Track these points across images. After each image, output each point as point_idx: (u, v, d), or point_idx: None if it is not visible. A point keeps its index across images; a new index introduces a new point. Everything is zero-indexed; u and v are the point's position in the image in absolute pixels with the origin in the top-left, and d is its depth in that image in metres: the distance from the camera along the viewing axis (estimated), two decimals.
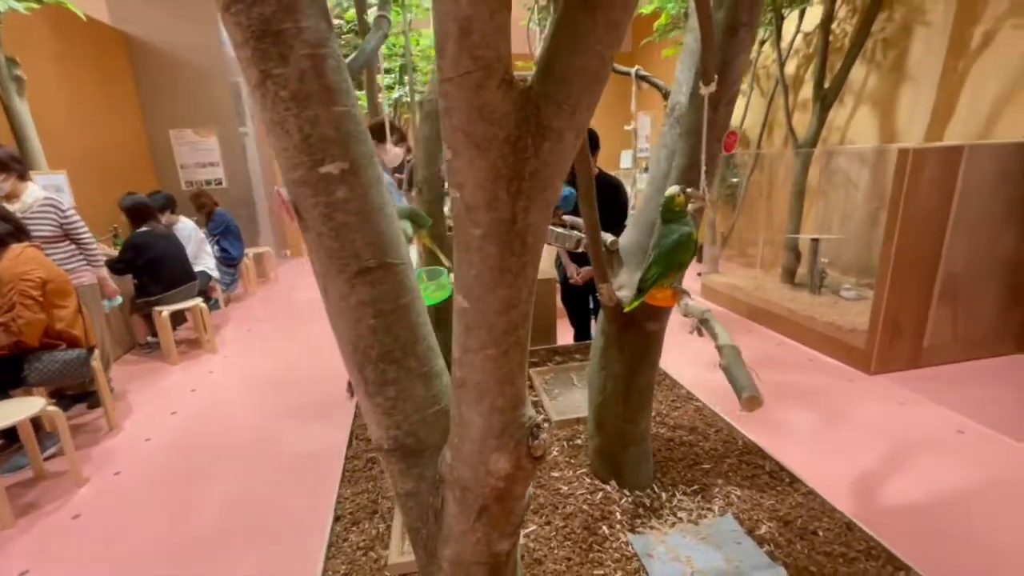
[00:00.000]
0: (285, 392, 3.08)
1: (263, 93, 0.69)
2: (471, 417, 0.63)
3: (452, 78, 0.48)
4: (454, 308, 0.61)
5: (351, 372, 0.80)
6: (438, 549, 0.77)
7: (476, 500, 0.68)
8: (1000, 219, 3.02)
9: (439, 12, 0.47)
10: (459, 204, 0.55)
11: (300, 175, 0.71)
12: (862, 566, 1.27)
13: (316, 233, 0.73)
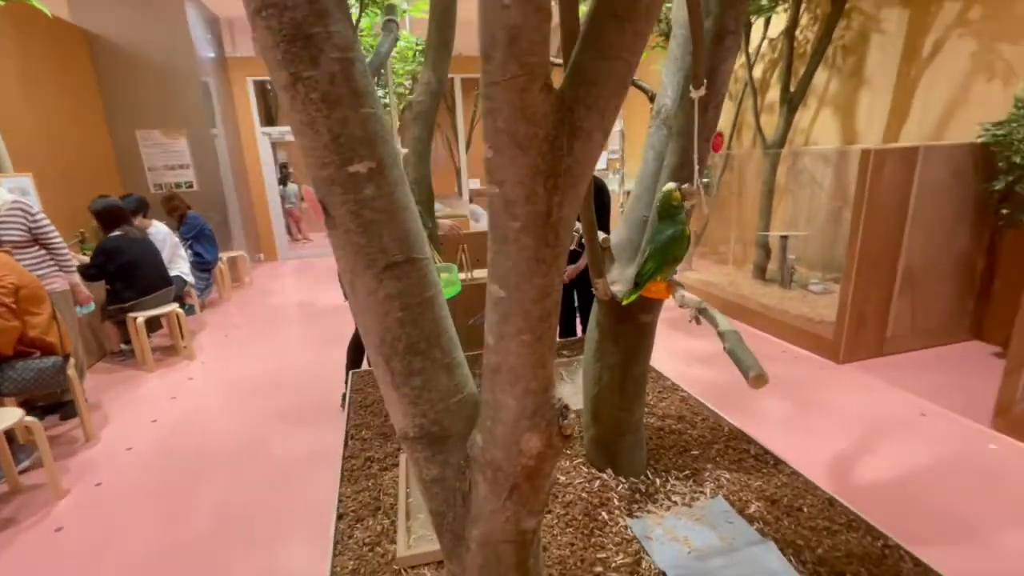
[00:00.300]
0: (269, 397, 3.04)
1: (293, 95, 0.72)
2: (505, 400, 0.67)
3: (499, 82, 0.52)
4: (489, 298, 0.65)
5: (377, 364, 0.82)
6: (466, 531, 0.80)
7: (507, 479, 0.72)
8: (953, 216, 3.23)
9: (487, 21, 0.51)
10: (498, 199, 0.59)
11: (329, 174, 0.74)
12: (844, 537, 1.36)
13: (344, 230, 0.76)
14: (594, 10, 0.58)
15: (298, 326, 4.35)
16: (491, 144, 0.56)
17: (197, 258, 4.63)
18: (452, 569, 0.85)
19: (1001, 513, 1.86)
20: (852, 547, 1.33)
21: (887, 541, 1.34)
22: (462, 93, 8.08)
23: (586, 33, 0.58)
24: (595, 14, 0.57)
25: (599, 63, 0.58)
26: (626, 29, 0.57)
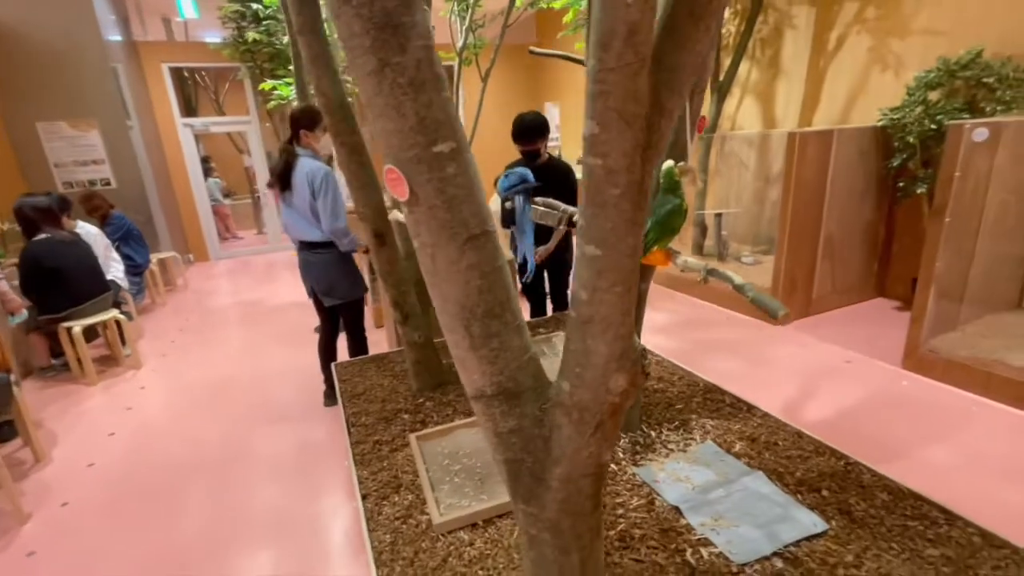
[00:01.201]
0: (240, 400, 2.93)
1: (379, 80, 0.77)
2: (597, 347, 0.78)
3: (615, 68, 0.62)
4: (582, 257, 0.75)
5: (454, 330, 0.89)
6: (546, 472, 0.90)
7: (594, 418, 0.82)
8: (861, 190, 3.70)
9: (608, 15, 0.60)
10: (600, 169, 0.68)
11: (416, 154, 0.80)
12: (814, 461, 1.60)
13: (428, 206, 0.82)
14: (673, 8, 0.69)
15: (250, 327, 4.16)
16: (599, 121, 0.66)
17: (127, 261, 4.27)
18: (529, 510, 0.95)
19: (919, 434, 2.23)
20: (822, 468, 1.57)
21: (848, 460, 1.59)
22: None
23: (664, 27, 0.69)
24: (674, 11, 0.68)
25: (678, 53, 0.69)
26: (699, 26, 0.69)
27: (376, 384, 2.28)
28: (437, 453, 1.74)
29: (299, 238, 2.50)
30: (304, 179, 2.31)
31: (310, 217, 2.39)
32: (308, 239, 2.45)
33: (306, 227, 2.42)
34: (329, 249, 2.45)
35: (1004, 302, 3.17)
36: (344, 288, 2.52)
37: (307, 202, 2.34)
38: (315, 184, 2.30)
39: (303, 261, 2.54)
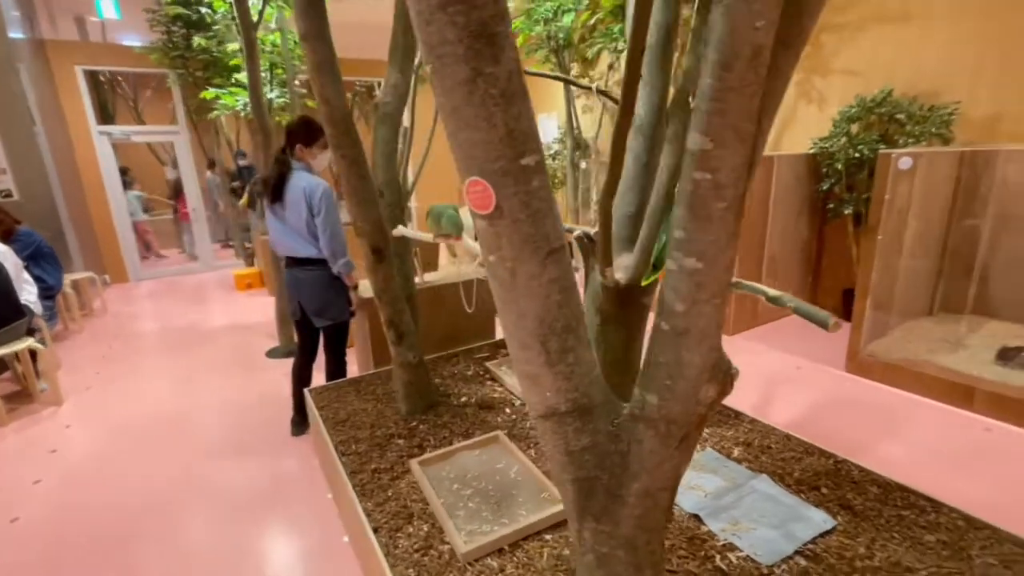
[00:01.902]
0: (187, 434, 2.64)
1: (471, 89, 0.75)
2: (691, 359, 0.78)
3: (736, 88, 0.64)
4: (678, 270, 0.76)
5: (528, 347, 0.87)
6: (622, 488, 0.89)
7: (681, 430, 0.83)
8: (797, 211, 4.06)
9: (736, 36, 0.62)
10: (708, 183, 0.70)
11: (502, 166, 0.78)
12: (808, 461, 1.70)
13: (512, 219, 0.80)
14: None
15: (187, 353, 3.79)
16: (712, 138, 0.68)
17: (38, 283, 3.75)
18: (602, 529, 0.93)
19: (871, 432, 2.44)
20: (816, 467, 1.67)
21: (836, 458, 1.71)
22: None
23: None
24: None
25: (772, 79, 0.73)
26: (789, 52, 0.73)
27: (359, 409, 2.16)
28: (443, 478, 1.67)
29: (290, 254, 2.33)
30: (300, 194, 2.16)
31: (305, 233, 2.24)
32: (300, 255, 2.29)
33: (299, 243, 2.27)
34: (322, 267, 2.30)
35: (920, 310, 3.58)
36: (337, 308, 2.38)
37: (303, 218, 2.20)
38: (313, 201, 2.17)
39: (292, 278, 2.37)
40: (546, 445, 0.95)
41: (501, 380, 2.35)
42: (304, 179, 2.19)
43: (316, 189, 2.17)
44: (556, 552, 1.35)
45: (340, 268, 2.26)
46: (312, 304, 2.36)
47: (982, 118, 3.37)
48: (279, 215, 2.27)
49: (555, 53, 5.30)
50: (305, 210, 2.19)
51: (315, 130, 2.24)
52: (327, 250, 2.23)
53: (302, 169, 2.24)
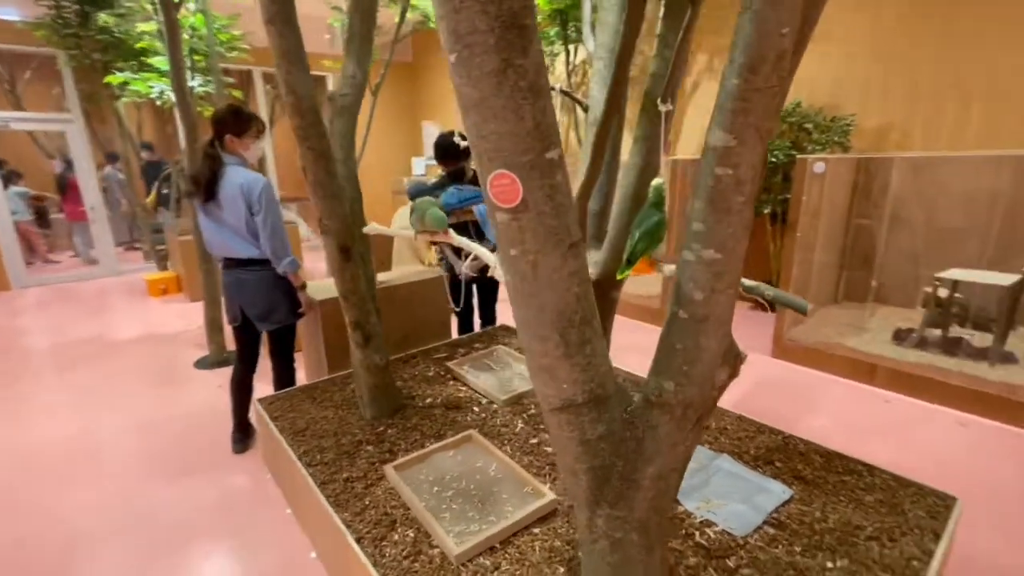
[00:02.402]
0: (108, 460, 2.36)
1: (500, 81, 0.74)
2: (708, 344, 0.83)
3: (762, 88, 0.69)
4: (696, 261, 0.80)
5: (547, 340, 0.88)
6: (637, 473, 0.92)
7: (696, 413, 0.87)
8: None
9: (762, 41, 0.67)
10: (730, 179, 0.75)
11: (530, 159, 0.78)
12: (760, 439, 1.85)
13: (537, 212, 0.81)
14: None
15: (96, 368, 3.37)
16: (736, 135, 0.72)
17: None
18: (616, 514, 0.95)
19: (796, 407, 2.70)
20: (768, 444, 1.83)
21: (784, 435, 1.88)
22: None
23: None
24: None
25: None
26: (795, 59, 0.80)
27: (319, 417, 2.04)
28: (421, 481, 1.63)
29: (229, 255, 2.13)
30: (237, 191, 1.99)
31: (244, 233, 2.07)
32: (241, 256, 2.11)
33: (239, 243, 2.09)
34: (266, 267, 2.14)
35: (827, 298, 4.01)
36: (284, 311, 2.22)
37: (241, 217, 2.03)
38: (253, 198, 2.00)
39: (234, 281, 2.17)
40: (558, 438, 0.96)
41: (464, 379, 2.33)
42: (240, 175, 2.03)
43: (255, 185, 2.02)
44: (548, 544, 1.37)
45: (285, 268, 2.13)
46: (256, 307, 2.20)
47: (873, 129, 3.84)
48: (213, 215, 2.09)
49: None
50: (244, 208, 2.03)
51: (246, 118, 2.07)
52: (269, 249, 2.09)
53: (236, 163, 2.07)
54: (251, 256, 2.13)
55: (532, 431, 1.92)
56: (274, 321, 2.23)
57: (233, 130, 2.05)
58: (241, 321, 2.26)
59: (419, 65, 8.37)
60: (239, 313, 2.24)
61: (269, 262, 2.14)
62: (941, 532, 1.38)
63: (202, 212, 2.13)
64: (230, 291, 2.24)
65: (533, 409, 2.07)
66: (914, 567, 1.27)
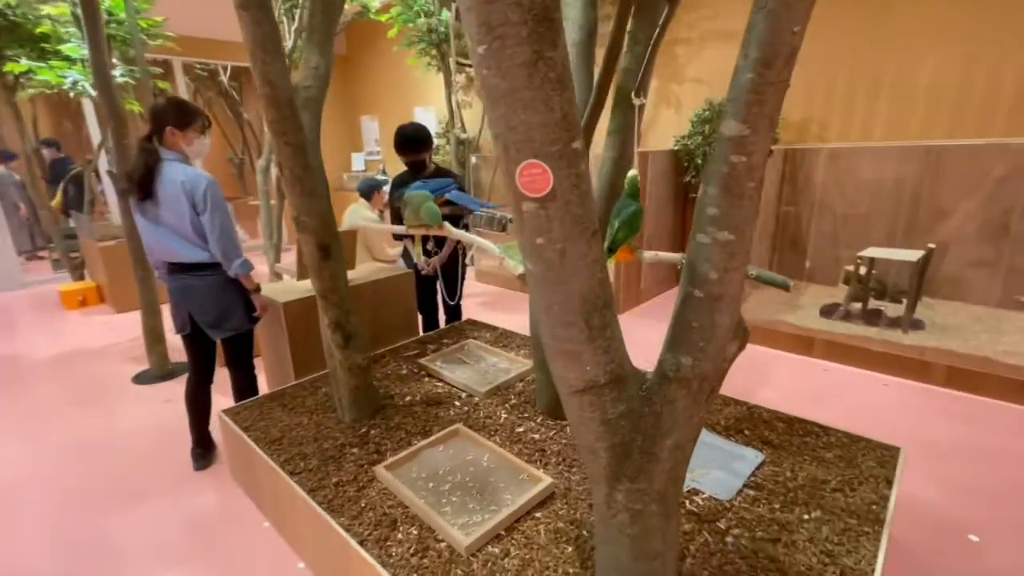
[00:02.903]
0: (55, 486, 2.14)
1: (531, 72, 0.76)
2: (722, 320, 0.89)
3: (775, 82, 0.75)
4: (712, 243, 0.86)
5: (572, 324, 0.90)
6: (655, 446, 0.97)
7: (710, 385, 0.94)
8: (667, 200, 4.60)
9: (775, 40, 0.73)
10: (743, 166, 0.81)
11: (558, 149, 0.81)
12: (729, 410, 1.99)
13: (565, 201, 0.83)
14: None
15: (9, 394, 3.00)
16: (750, 125, 0.78)
17: None
18: (636, 487, 1.00)
19: (750, 381, 2.92)
20: (735, 414, 1.97)
21: (748, 405, 2.03)
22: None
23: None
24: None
25: None
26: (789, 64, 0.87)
27: (293, 424, 1.96)
28: (415, 479, 1.62)
29: (172, 259, 1.98)
30: (179, 190, 1.85)
31: (189, 234, 1.92)
32: (186, 260, 1.97)
33: (183, 246, 1.94)
34: (216, 271, 2.00)
35: None
36: (239, 317, 2.09)
37: (185, 218, 1.89)
38: (197, 196, 1.87)
39: (181, 287, 2.02)
40: (579, 419, 0.99)
41: (440, 375, 2.32)
42: (181, 171, 1.90)
43: (198, 182, 1.89)
44: (552, 527, 1.41)
45: (237, 270, 2.00)
46: (208, 315, 2.06)
47: (797, 122, 4.18)
48: (151, 215, 1.94)
49: (436, 47, 5.24)
50: (187, 208, 1.90)
51: (189, 111, 1.94)
52: (218, 251, 1.96)
53: (177, 160, 1.93)
54: (199, 260, 1.99)
55: (517, 420, 1.95)
56: (228, 328, 2.10)
57: (175, 123, 1.91)
58: (191, 329, 2.11)
59: (354, 59, 8.08)
60: (188, 321, 2.09)
61: (218, 265, 2.01)
62: (892, 478, 1.56)
63: (139, 212, 1.97)
64: (176, 298, 2.08)
65: (514, 399, 2.10)
66: (874, 511, 1.43)
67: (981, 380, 2.70)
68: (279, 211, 4.76)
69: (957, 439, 2.30)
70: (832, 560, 1.26)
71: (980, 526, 1.80)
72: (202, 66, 8.10)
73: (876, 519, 1.39)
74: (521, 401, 2.09)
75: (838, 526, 1.37)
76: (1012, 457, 2.16)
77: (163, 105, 1.92)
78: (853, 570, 1.23)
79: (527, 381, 2.27)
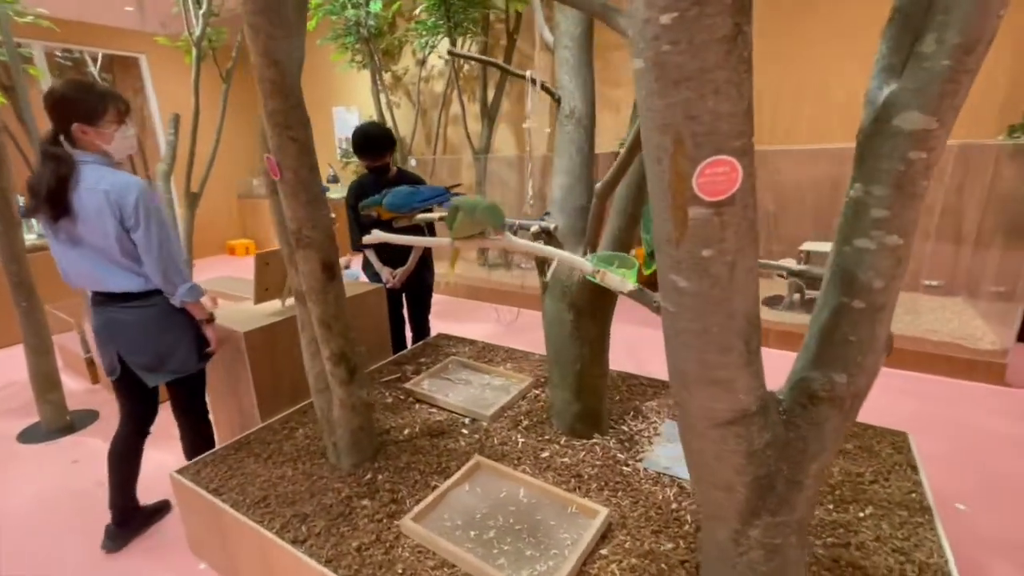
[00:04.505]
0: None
1: (730, 49, 0.63)
2: (881, 332, 0.81)
3: (972, 70, 0.68)
4: (879, 248, 0.78)
5: (731, 349, 0.78)
6: (801, 473, 0.88)
7: (859, 400, 0.86)
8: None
9: (979, 22, 0.66)
10: (920, 163, 0.74)
11: (742, 144, 0.69)
12: None
13: (743, 205, 0.71)
14: None
15: None
16: (939, 118, 0.71)
17: None
18: (778, 520, 0.90)
19: None
20: None
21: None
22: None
23: None
24: None
25: None
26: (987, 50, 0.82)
27: (276, 478, 1.64)
28: (450, 528, 1.40)
29: (96, 288, 1.55)
30: (101, 200, 1.44)
31: (116, 256, 1.51)
32: (112, 289, 1.55)
33: (108, 271, 1.52)
34: (151, 300, 1.60)
35: None
36: (183, 356, 1.69)
37: (110, 235, 1.48)
38: (126, 208, 1.49)
39: (107, 321, 1.59)
40: (716, 454, 0.87)
41: (432, 400, 2.08)
42: (104, 177, 1.49)
43: (127, 190, 1.50)
44: (626, 564, 1.27)
45: (183, 298, 1.63)
46: (142, 355, 1.66)
47: None
48: (66, 235, 1.53)
49: (365, 42, 4.86)
50: (113, 223, 1.50)
51: (99, 96, 1.51)
52: (157, 276, 1.58)
53: (96, 163, 1.53)
54: (128, 289, 1.59)
55: (538, 444, 1.79)
56: (168, 371, 1.70)
57: (83, 116, 1.48)
58: (121, 372, 1.69)
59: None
60: (117, 363, 1.67)
61: (154, 293, 1.63)
62: (914, 463, 1.62)
63: (51, 234, 1.53)
64: (102, 336, 1.66)
65: (525, 420, 1.94)
66: (915, 499, 1.47)
67: (913, 358, 3.01)
68: (188, 222, 4.13)
69: (916, 415, 2.52)
70: (907, 557, 1.26)
71: (964, 495, 1.96)
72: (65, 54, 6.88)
73: (921, 507, 1.43)
74: (533, 422, 1.93)
75: (894, 520, 1.39)
76: (967, 428, 2.41)
77: (60, 94, 1.48)
78: (929, 565, 1.24)
79: (530, 398, 2.11)
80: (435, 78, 5.85)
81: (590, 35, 1.90)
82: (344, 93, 6.74)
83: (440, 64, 5.69)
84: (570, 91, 1.86)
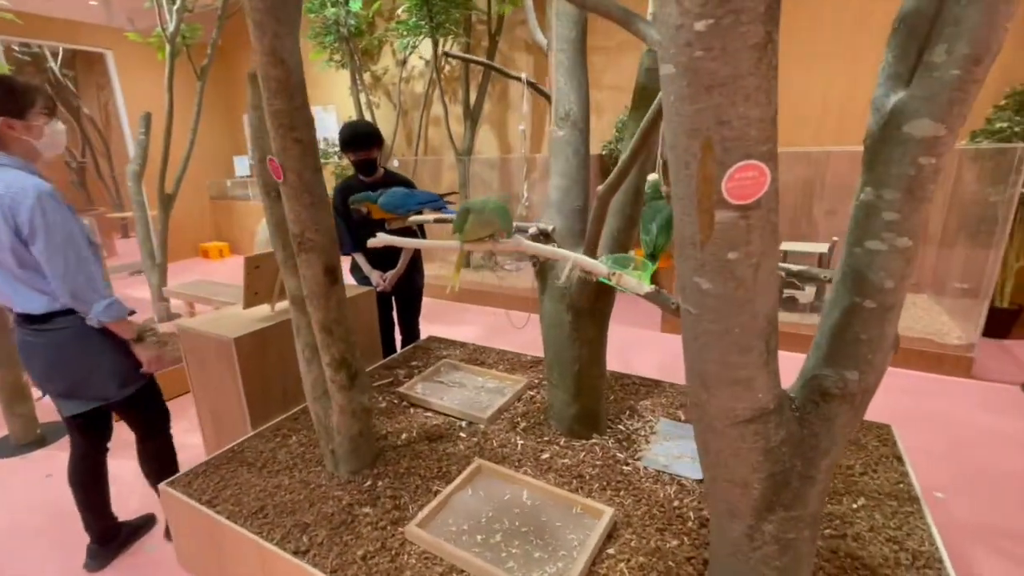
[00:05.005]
0: None
1: (761, 56, 0.65)
2: (890, 331, 0.84)
3: (979, 80, 0.72)
4: (890, 250, 0.81)
5: (751, 349, 0.80)
6: (813, 468, 0.90)
7: (868, 395, 0.89)
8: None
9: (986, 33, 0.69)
10: (929, 168, 0.77)
11: (769, 149, 0.70)
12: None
13: (768, 208, 0.73)
14: None
15: None
16: (948, 125, 0.74)
17: None
18: (792, 515, 0.92)
19: None
20: None
21: None
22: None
23: None
24: None
25: None
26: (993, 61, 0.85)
27: (272, 487, 1.59)
28: (456, 533, 1.39)
29: (8, 305, 1.46)
30: None
31: (17, 272, 1.41)
32: (19, 309, 1.44)
33: (14, 289, 1.41)
34: (61, 322, 1.48)
35: None
36: (98, 383, 1.56)
37: (5, 246, 1.37)
38: (19, 217, 1.34)
39: (20, 343, 1.49)
40: (733, 452, 0.89)
41: (427, 404, 2.06)
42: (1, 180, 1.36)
43: (21, 196, 1.34)
44: (634, 563, 1.28)
45: (99, 318, 1.46)
46: (56, 380, 1.52)
47: None
48: None
49: (345, 41, 4.79)
50: (7, 233, 1.36)
51: (23, 90, 1.40)
52: (65, 294, 1.42)
53: (10, 165, 1.39)
54: (32, 311, 1.45)
55: (537, 446, 1.79)
56: (87, 397, 1.56)
57: (8, 109, 1.37)
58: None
59: (230, 49, 7.13)
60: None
61: (66, 313, 1.48)
62: (900, 455, 1.69)
63: None
64: (22, 357, 1.54)
65: (522, 422, 1.94)
66: (903, 489, 1.53)
67: None
68: (163, 224, 3.99)
69: (894, 408, 2.63)
70: (900, 546, 1.31)
71: (942, 485, 2.05)
72: (24, 48, 6.57)
73: (909, 497, 1.49)
74: (531, 423, 1.93)
75: (886, 510, 1.44)
76: (939, 419, 2.52)
77: None
78: (921, 553, 1.29)
79: (526, 400, 2.11)
80: (416, 79, 5.81)
81: (584, 39, 1.91)
82: (321, 92, 6.63)
83: (420, 65, 5.64)
84: (565, 93, 1.87)
